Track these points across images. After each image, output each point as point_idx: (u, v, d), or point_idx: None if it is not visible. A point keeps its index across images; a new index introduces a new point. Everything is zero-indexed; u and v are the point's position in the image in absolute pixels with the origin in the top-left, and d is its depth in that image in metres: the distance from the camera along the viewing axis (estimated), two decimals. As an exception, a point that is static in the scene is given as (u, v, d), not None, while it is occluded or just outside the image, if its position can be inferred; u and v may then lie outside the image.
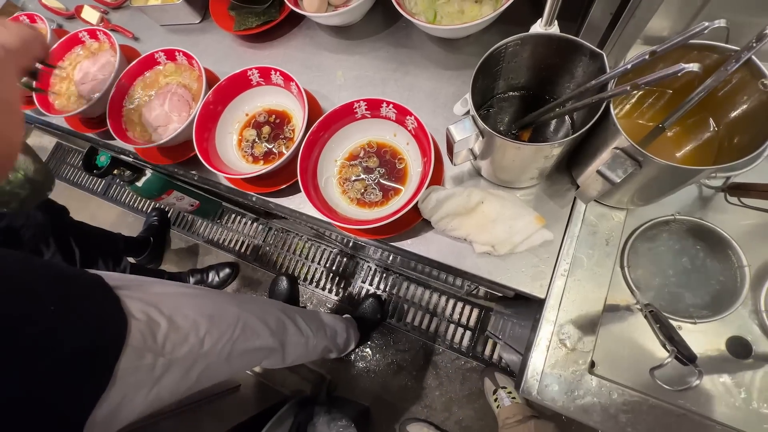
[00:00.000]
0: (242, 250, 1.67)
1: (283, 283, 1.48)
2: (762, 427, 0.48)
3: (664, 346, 0.41)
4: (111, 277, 0.61)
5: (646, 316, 0.47)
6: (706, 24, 0.35)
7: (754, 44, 0.38)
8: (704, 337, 0.52)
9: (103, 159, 1.22)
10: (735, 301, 0.51)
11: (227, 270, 1.60)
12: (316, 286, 1.55)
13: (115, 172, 1.24)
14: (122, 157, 0.90)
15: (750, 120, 0.43)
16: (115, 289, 0.58)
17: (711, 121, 0.48)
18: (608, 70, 0.44)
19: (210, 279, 1.58)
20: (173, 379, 0.59)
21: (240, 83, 0.69)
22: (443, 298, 1.43)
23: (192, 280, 1.56)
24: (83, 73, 0.79)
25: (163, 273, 1.55)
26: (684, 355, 0.38)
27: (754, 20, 0.48)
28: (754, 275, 0.52)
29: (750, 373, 0.50)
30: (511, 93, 0.59)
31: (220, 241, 1.71)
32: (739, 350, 0.51)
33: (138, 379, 0.54)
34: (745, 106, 0.43)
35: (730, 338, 0.52)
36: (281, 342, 0.84)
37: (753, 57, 0.39)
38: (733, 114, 0.45)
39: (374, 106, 0.62)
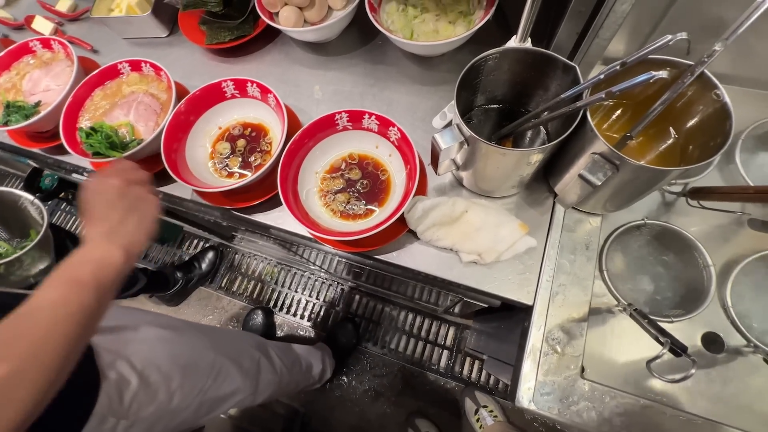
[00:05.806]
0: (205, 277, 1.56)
1: (258, 317, 1.39)
2: (741, 417, 0.49)
3: (656, 339, 0.42)
4: None
5: (631, 315, 0.49)
6: (670, 36, 0.39)
7: (706, 59, 0.42)
8: (681, 335, 0.54)
9: (48, 181, 1.11)
10: (705, 299, 0.54)
11: (210, 255, 1.51)
12: (287, 312, 1.47)
13: (62, 195, 1.13)
14: (74, 176, 0.83)
15: (706, 127, 0.48)
16: None
17: (672, 130, 0.52)
18: (581, 81, 0.47)
19: (196, 270, 1.47)
20: None
21: (214, 95, 0.67)
22: (419, 318, 1.40)
23: (179, 274, 1.42)
24: (33, 83, 0.72)
25: (145, 270, 1.32)
26: (677, 345, 0.39)
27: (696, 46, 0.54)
28: (719, 273, 0.55)
29: (725, 366, 0.52)
30: (489, 106, 0.61)
31: (180, 269, 1.59)
32: (714, 346, 0.53)
33: None
34: (701, 115, 0.48)
35: (704, 334, 0.54)
36: (254, 384, 0.79)
37: (705, 71, 0.44)
38: (691, 123, 0.49)
39: (356, 118, 0.62)
